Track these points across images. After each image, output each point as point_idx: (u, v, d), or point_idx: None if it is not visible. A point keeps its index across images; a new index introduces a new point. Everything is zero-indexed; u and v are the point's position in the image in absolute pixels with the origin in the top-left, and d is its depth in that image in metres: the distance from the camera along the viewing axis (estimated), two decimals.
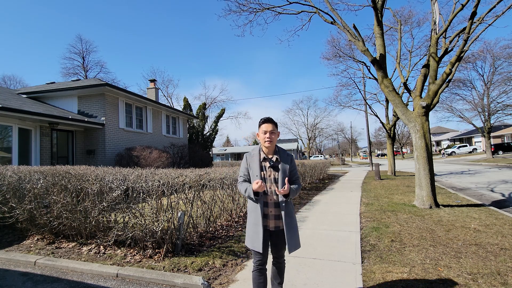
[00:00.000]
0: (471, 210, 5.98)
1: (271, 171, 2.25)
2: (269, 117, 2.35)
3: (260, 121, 2.36)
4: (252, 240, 2.19)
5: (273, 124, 2.32)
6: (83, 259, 3.68)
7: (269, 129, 2.28)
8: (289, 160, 2.31)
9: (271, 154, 2.32)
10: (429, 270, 3.10)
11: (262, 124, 2.32)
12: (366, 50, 7.14)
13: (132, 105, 13.66)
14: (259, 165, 2.25)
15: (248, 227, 2.27)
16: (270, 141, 2.27)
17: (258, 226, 2.17)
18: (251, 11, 9.31)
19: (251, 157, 2.32)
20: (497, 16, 7.05)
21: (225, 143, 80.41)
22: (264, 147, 2.31)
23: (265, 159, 2.29)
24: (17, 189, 4.51)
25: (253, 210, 2.25)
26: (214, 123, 26.58)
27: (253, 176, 2.26)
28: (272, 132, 2.29)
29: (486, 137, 27.68)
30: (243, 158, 2.41)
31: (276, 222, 2.22)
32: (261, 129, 2.32)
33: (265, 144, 2.28)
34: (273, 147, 2.32)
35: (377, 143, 78.69)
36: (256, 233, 2.17)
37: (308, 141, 50.88)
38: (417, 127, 6.73)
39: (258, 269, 2.26)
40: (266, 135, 2.27)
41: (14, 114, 8.60)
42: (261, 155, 2.31)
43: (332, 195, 9.14)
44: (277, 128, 2.37)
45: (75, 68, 34.99)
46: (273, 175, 2.24)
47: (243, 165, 2.36)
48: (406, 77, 14.72)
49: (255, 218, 2.21)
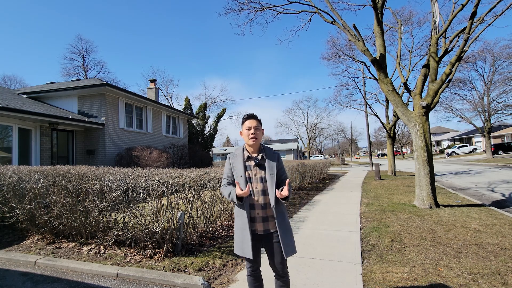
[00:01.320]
0: (471, 210, 5.98)
1: (257, 169, 2.11)
2: (252, 113, 2.23)
3: (243, 117, 2.21)
4: (241, 246, 2.04)
5: (257, 120, 2.19)
6: (83, 259, 3.68)
7: (254, 124, 2.15)
8: (276, 158, 2.17)
9: (256, 152, 2.17)
10: (429, 270, 3.10)
11: (246, 121, 2.18)
12: (366, 50, 7.13)
13: (132, 105, 13.66)
14: (243, 165, 2.12)
15: (236, 233, 2.13)
16: (255, 137, 2.13)
17: (245, 230, 2.03)
18: (252, 10, 9.31)
19: (235, 157, 2.19)
20: (497, 16, 7.05)
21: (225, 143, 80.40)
22: (248, 145, 2.18)
23: (250, 158, 2.15)
24: (17, 189, 4.51)
25: (239, 214, 2.11)
26: (215, 123, 26.57)
27: (237, 176, 2.12)
28: (256, 128, 2.16)
29: (486, 137, 27.68)
30: (226, 159, 2.28)
31: (264, 225, 2.06)
32: (245, 126, 2.17)
33: (249, 141, 2.14)
34: (257, 145, 2.18)
35: (377, 143, 78.69)
36: (244, 239, 2.03)
37: (308, 141, 50.87)
38: (417, 127, 6.72)
39: (253, 274, 2.15)
40: (250, 131, 2.13)
41: (14, 114, 8.60)
42: (245, 154, 2.17)
43: (332, 195, 9.14)
44: (261, 125, 2.25)
45: (75, 68, 35.03)
46: (259, 174, 2.10)
47: (226, 166, 2.23)
48: (406, 77, 14.72)
49: (242, 222, 2.06)
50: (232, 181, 2.19)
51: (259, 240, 2.09)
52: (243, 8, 9.33)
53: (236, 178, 2.14)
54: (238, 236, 2.09)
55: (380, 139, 75.73)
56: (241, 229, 2.07)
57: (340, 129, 62.25)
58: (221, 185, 2.27)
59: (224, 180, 2.23)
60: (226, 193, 2.12)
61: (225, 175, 2.23)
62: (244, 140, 2.22)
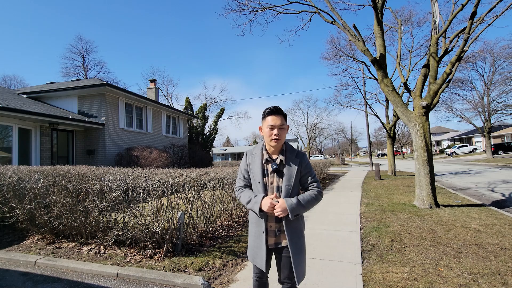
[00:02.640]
0: (471, 210, 5.98)
1: (274, 177, 1.79)
2: (277, 107, 1.81)
3: (265, 112, 1.82)
4: (254, 255, 1.86)
5: (282, 116, 1.80)
6: (83, 259, 3.68)
7: (278, 123, 1.76)
8: (298, 162, 1.80)
9: (276, 154, 1.84)
10: (429, 270, 3.10)
11: (268, 116, 1.79)
12: (366, 50, 7.13)
13: (132, 105, 13.66)
14: (261, 168, 1.81)
15: (250, 239, 1.92)
16: (277, 139, 1.76)
17: (259, 241, 1.81)
18: (252, 10, 9.31)
19: (252, 157, 1.89)
20: (496, 16, 7.05)
21: (225, 143, 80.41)
22: (270, 146, 1.83)
23: (268, 160, 1.84)
24: (17, 189, 4.51)
25: (254, 221, 1.87)
26: (214, 122, 26.59)
27: (254, 182, 1.84)
28: (281, 127, 1.77)
29: (486, 137, 27.69)
30: (243, 156, 1.97)
31: (276, 239, 1.82)
32: (267, 123, 1.79)
33: (271, 142, 1.78)
34: (280, 145, 1.82)
35: (377, 143, 78.71)
36: (257, 249, 1.83)
37: (308, 141, 50.89)
38: (417, 127, 6.72)
39: (259, 281, 1.96)
40: (273, 131, 1.76)
41: (15, 114, 8.61)
42: (264, 155, 1.85)
43: (332, 195, 9.14)
44: (287, 120, 1.85)
45: (75, 68, 35.06)
46: (276, 182, 1.79)
47: (242, 166, 1.94)
48: (406, 77, 14.72)
49: (257, 231, 1.84)
50: (249, 183, 1.91)
51: (270, 252, 1.88)
52: (243, 9, 9.33)
53: (253, 183, 1.87)
54: (252, 243, 1.90)
55: (380, 139, 75.75)
56: (255, 237, 1.86)
57: (340, 129, 62.32)
58: (236, 187, 1.97)
59: (240, 181, 1.94)
60: (245, 200, 1.82)
61: (240, 174, 1.95)
62: (264, 138, 1.86)
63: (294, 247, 1.77)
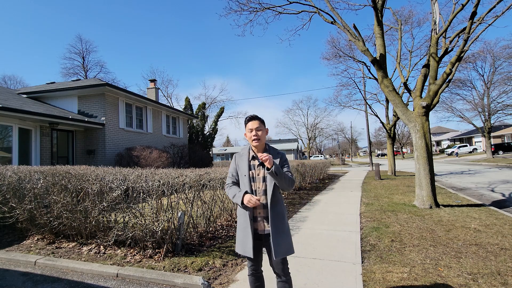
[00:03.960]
0: (471, 210, 5.98)
1: (260, 169, 2.15)
2: (254, 115, 2.26)
3: (245, 120, 2.26)
4: (243, 245, 2.08)
5: (259, 121, 2.22)
6: (83, 259, 3.68)
7: (255, 126, 2.18)
8: (279, 157, 2.20)
9: (261, 152, 2.22)
10: (429, 270, 3.10)
11: (248, 123, 2.23)
12: (366, 50, 7.14)
13: (132, 105, 13.66)
14: (248, 164, 2.17)
15: (238, 232, 2.17)
16: (257, 138, 2.17)
17: (247, 229, 2.07)
18: (252, 11, 9.31)
19: (240, 157, 2.25)
20: (497, 16, 7.05)
21: (225, 143, 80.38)
22: (253, 146, 2.22)
23: (254, 157, 2.20)
24: (17, 189, 4.51)
25: (242, 213, 2.14)
26: (214, 122, 26.58)
27: (241, 175, 2.18)
28: (258, 129, 2.18)
29: (486, 137, 27.70)
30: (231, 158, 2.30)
31: (266, 225, 2.09)
32: (247, 128, 2.22)
33: (253, 142, 2.18)
34: (262, 145, 2.21)
35: (377, 143, 78.68)
36: (246, 238, 2.06)
37: (308, 141, 50.89)
38: (417, 127, 6.73)
39: (253, 274, 2.19)
40: (252, 133, 2.18)
41: (15, 114, 8.60)
42: (250, 154, 2.22)
43: (332, 195, 9.14)
44: (265, 125, 2.27)
45: (75, 68, 35.04)
46: (262, 173, 2.14)
47: (231, 165, 2.29)
48: (406, 77, 14.72)
49: (244, 221, 2.10)
50: (237, 180, 2.24)
51: (260, 239, 2.11)
52: (243, 9, 9.34)
53: (240, 177, 2.19)
54: (240, 235, 2.12)
55: (380, 139, 75.73)
56: (243, 228, 2.10)
57: (340, 129, 62.23)
58: (226, 184, 2.30)
59: (229, 179, 2.27)
60: (231, 195, 2.15)
61: (230, 174, 2.27)
62: (248, 140, 2.26)
63: (274, 228, 2.04)
